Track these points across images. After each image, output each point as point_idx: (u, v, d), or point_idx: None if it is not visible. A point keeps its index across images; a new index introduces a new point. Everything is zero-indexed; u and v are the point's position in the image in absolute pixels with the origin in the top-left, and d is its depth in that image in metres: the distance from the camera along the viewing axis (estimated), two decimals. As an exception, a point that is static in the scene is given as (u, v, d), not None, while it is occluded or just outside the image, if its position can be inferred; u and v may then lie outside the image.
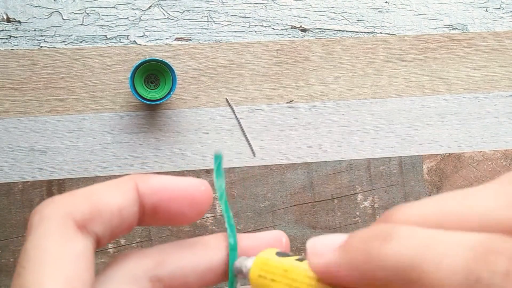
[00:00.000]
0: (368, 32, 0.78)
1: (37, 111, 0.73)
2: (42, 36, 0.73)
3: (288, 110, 0.77)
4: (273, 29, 0.76)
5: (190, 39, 0.75)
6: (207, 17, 0.76)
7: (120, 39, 0.74)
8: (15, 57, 0.73)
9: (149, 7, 0.75)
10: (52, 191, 0.73)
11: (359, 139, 0.78)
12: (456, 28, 0.80)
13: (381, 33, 0.78)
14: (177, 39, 0.75)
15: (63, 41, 0.73)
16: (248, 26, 0.76)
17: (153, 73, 0.73)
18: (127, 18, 0.74)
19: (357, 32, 0.78)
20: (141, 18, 0.75)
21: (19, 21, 0.73)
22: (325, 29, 0.77)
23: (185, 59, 0.75)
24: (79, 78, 0.74)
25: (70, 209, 0.20)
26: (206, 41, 0.75)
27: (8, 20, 0.73)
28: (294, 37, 0.77)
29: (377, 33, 0.78)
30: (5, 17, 0.73)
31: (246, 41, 0.76)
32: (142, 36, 0.75)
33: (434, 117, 0.79)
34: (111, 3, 0.74)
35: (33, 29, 0.73)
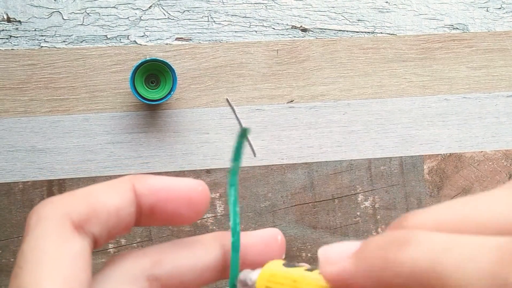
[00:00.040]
0: (369, 32, 0.78)
1: (38, 111, 0.73)
2: (42, 36, 0.73)
3: (288, 110, 0.77)
4: (274, 29, 0.76)
5: (191, 39, 0.75)
6: (208, 17, 0.76)
7: (120, 39, 0.74)
8: (15, 57, 0.73)
9: (150, 7, 0.75)
10: (52, 191, 0.73)
11: (360, 139, 0.78)
12: (457, 28, 0.79)
13: (381, 33, 0.78)
14: (177, 39, 0.75)
15: (64, 41, 0.74)
16: (248, 26, 0.76)
17: (154, 73, 0.73)
18: (128, 18, 0.74)
19: (357, 32, 0.78)
20: (142, 18, 0.75)
21: (19, 21, 0.73)
22: (325, 29, 0.77)
23: (186, 59, 0.75)
24: (79, 78, 0.74)
25: (68, 209, 0.20)
26: (206, 41, 0.75)
27: (9, 20, 0.73)
28: (295, 37, 0.77)
29: (377, 33, 0.78)
30: (5, 17, 0.73)
31: (247, 41, 0.76)
32: (143, 36, 0.75)
33: (435, 117, 0.79)
34: (112, 3, 0.74)
35: (34, 29, 0.73)
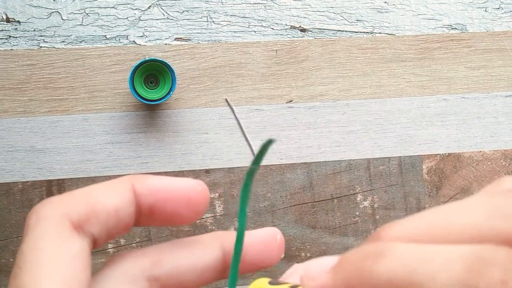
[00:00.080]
0: (368, 32, 0.78)
1: (37, 111, 0.73)
2: (41, 36, 0.73)
3: (287, 110, 0.77)
4: (273, 29, 0.76)
5: (190, 39, 0.75)
6: (207, 17, 0.76)
7: (119, 39, 0.74)
8: (14, 57, 0.73)
9: (149, 7, 0.75)
10: (51, 191, 0.73)
11: (359, 139, 0.78)
12: (455, 28, 0.80)
13: (380, 33, 0.78)
14: (176, 39, 0.75)
15: (63, 41, 0.74)
16: (247, 26, 0.76)
17: (153, 73, 0.73)
18: (127, 18, 0.75)
19: (356, 32, 0.78)
20: (141, 18, 0.75)
21: (18, 21, 0.73)
22: (324, 29, 0.77)
23: (185, 59, 0.75)
24: (78, 78, 0.74)
25: (67, 209, 0.20)
26: (205, 41, 0.76)
27: (8, 20, 0.73)
28: (294, 37, 0.77)
29: (376, 33, 0.78)
30: (4, 17, 0.73)
31: (246, 41, 0.76)
32: (142, 36, 0.75)
33: (434, 117, 0.79)
34: (111, 3, 0.74)
35: (33, 29, 0.73)
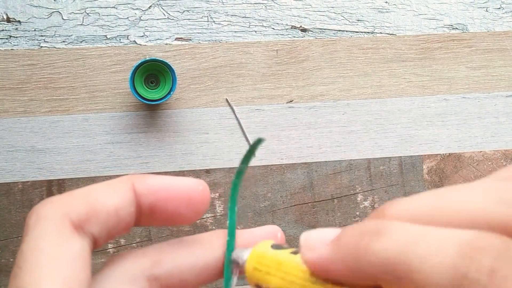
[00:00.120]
0: (368, 32, 0.78)
1: (37, 111, 0.73)
2: (42, 36, 0.73)
3: (288, 110, 0.77)
4: (273, 29, 0.76)
5: (190, 39, 0.75)
6: (207, 17, 0.76)
7: (120, 39, 0.74)
8: (15, 57, 0.73)
9: (149, 7, 0.75)
10: (52, 191, 0.73)
11: (359, 139, 0.78)
12: (456, 28, 0.79)
13: (381, 33, 0.78)
14: (177, 39, 0.75)
15: (63, 41, 0.74)
16: (248, 26, 0.76)
17: (153, 73, 0.73)
18: (127, 18, 0.74)
19: (357, 32, 0.78)
20: (141, 18, 0.75)
21: (19, 21, 0.73)
22: (325, 29, 0.77)
23: (185, 59, 0.75)
24: (79, 78, 0.74)
25: (67, 209, 0.20)
26: (206, 41, 0.76)
27: (8, 20, 0.73)
28: (294, 37, 0.77)
29: (377, 33, 0.78)
30: (5, 17, 0.73)
31: (246, 41, 0.76)
32: (142, 36, 0.75)
33: (434, 117, 0.79)
34: (111, 3, 0.74)
35: (33, 29, 0.73)
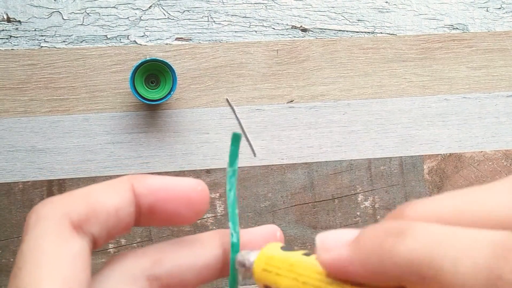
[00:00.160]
0: (369, 32, 0.78)
1: (38, 111, 0.73)
2: (42, 36, 0.73)
3: (288, 110, 0.77)
4: (274, 29, 0.76)
5: (191, 39, 0.75)
6: (208, 17, 0.76)
7: (120, 39, 0.74)
8: (15, 57, 0.73)
9: (150, 7, 0.75)
10: (52, 191, 0.73)
11: (360, 139, 0.78)
12: (457, 28, 0.79)
13: (381, 33, 0.78)
14: (177, 39, 0.75)
15: (64, 41, 0.74)
16: (248, 26, 0.76)
17: (154, 73, 0.73)
18: (128, 18, 0.74)
19: (357, 32, 0.78)
20: (142, 18, 0.75)
21: (19, 21, 0.73)
22: (325, 29, 0.77)
23: (186, 59, 0.75)
24: (79, 78, 0.74)
25: (67, 209, 0.20)
26: (206, 41, 0.75)
27: (9, 20, 0.73)
28: (295, 37, 0.77)
29: (377, 33, 0.78)
30: (5, 17, 0.73)
31: (247, 41, 0.76)
32: (143, 36, 0.75)
33: (435, 117, 0.79)
34: (112, 3, 0.74)
35: (34, 29, 0.73)
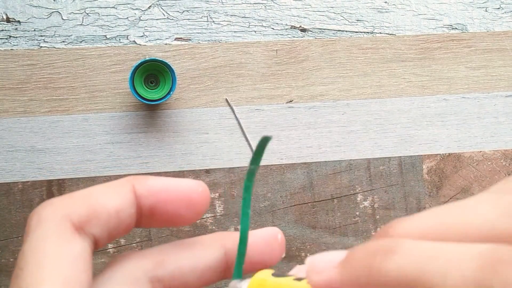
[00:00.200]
0: (368, 32, 0.78)
1: (37, 111, 0.73)
2: (41, 36, 0.73)
3: (287, 110, 0.77)
4: (273, 29, 0.76)
5: (190, 39, 0.75)
6: (207, 17, 0.76)
7: (119, 39, 0.74)
8: (14, 57, 0.73)
9: (149, 7, 0.75)
10: (52, 191, 0.73)
11: (359, 139, 0.78)
12: (456, 28, 0.79)
13: (380, 33, 0.78)
14: (176, 39, 0.75)
15: (63, 41, 0.74)
16: (247, 26, 0.76)
17: (153, 73, 0.73)
18: (127, 18, 0.74)
19: (356, 32, 0.78)
20: (141, 18, 0.75)
21: (18, 21, 0.73)
22: (324, 29, 0.77)
23: (185, 59, 0.75)
24: (79, 78, 0.74)
25: (68, 211, 0.20)
26: (205, 41, 0.76)
27: (8, 20, 0.73)
28: (294, 37, 0.77)
29: (376, 33, 0.78)
30: (4, 17, 0.73)
31: (246, 41, 0.76)
32: (142, 36, 0.75)
33: (434, 117, 0.79)
34: (111, 3, 0.74)
35: (33, 29, 0.73)
